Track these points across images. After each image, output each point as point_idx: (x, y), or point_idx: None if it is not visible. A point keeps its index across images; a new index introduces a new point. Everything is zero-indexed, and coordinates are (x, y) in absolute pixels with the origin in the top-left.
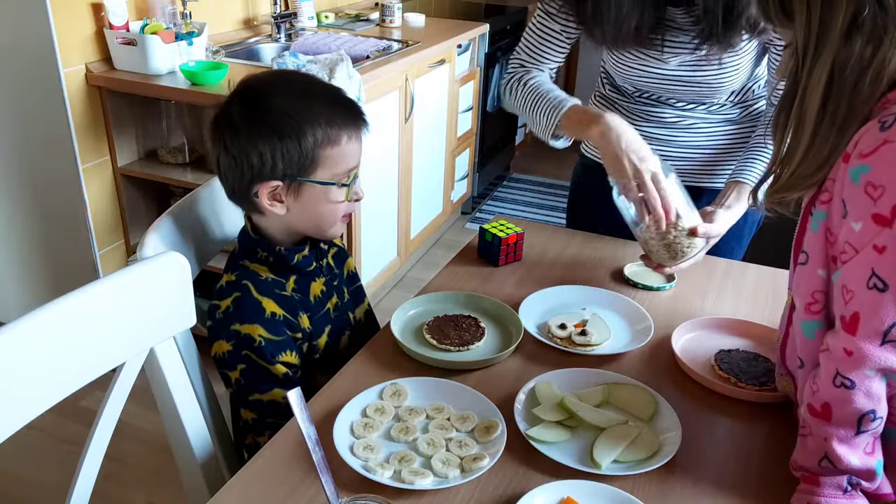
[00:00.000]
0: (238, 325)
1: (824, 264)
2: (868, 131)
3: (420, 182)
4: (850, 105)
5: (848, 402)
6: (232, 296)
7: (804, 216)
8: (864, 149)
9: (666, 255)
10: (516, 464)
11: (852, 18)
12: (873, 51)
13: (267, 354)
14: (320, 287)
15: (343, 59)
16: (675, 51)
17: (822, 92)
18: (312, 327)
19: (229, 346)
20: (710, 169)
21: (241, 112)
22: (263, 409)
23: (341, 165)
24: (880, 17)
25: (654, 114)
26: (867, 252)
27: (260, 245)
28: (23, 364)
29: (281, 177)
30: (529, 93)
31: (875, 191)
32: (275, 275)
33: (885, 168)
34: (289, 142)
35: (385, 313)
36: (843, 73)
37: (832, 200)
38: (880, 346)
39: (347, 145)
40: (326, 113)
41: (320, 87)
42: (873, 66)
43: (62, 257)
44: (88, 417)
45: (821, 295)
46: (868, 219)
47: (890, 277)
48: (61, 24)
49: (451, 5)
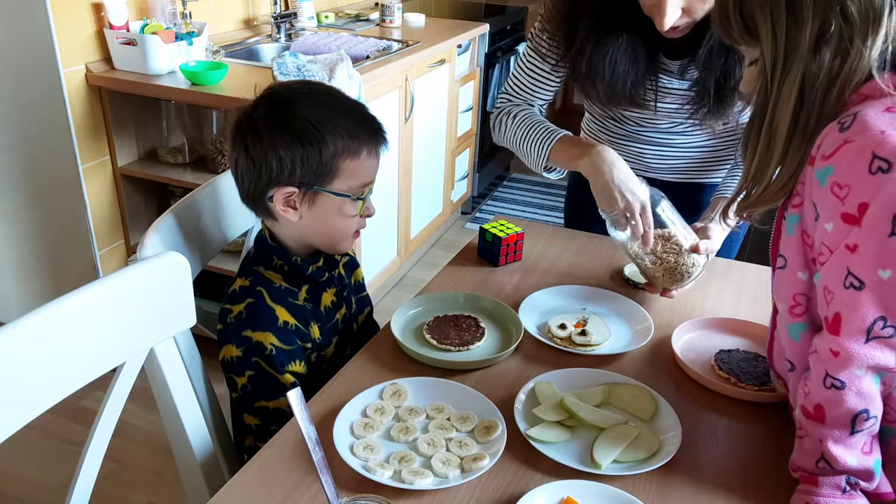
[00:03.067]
0: (250, 331)
1: (804, 267)
2: (829, 133)
3: (420, 182)
4: (819, 116)
5: (840, 402)
6: (245, 301)
7: (778, 220)
8: (827, 150)
9: (671, 280)
10: (516, 464)
11: (819, 33)
12: (841, 62)
13: (277, 363)
14: (331, 297)
15: (343, 59)
16: (669, 112)
17: (792, 106)
18: (322, 338)
19: (239, 351)
20: (708, 165)
21: (265, 116)
22: (268, 416)
23: (358, 178)
24: (846, 30)
25: (648, 119)
26: (840, 252)
27: (276, 253)
28: (23, 364)
29: (297, 183)
30: (519, 125)
31: (841, 190)
32: (288, 283)
33: (847, 168)
34: (310, 149)
35: (385, 313)
36: (812, 86)
37: (803, 203)
38: (865, 343)
39: (366, 160)
40: (349, 125)
41: (346, 100)
42: (841, 76)
43: (62, 257)
44: (88, 417)
45: (802, 297)
46: (838, 219)
47: (865, 275)
48: (61, 24)
49: (451, 5)
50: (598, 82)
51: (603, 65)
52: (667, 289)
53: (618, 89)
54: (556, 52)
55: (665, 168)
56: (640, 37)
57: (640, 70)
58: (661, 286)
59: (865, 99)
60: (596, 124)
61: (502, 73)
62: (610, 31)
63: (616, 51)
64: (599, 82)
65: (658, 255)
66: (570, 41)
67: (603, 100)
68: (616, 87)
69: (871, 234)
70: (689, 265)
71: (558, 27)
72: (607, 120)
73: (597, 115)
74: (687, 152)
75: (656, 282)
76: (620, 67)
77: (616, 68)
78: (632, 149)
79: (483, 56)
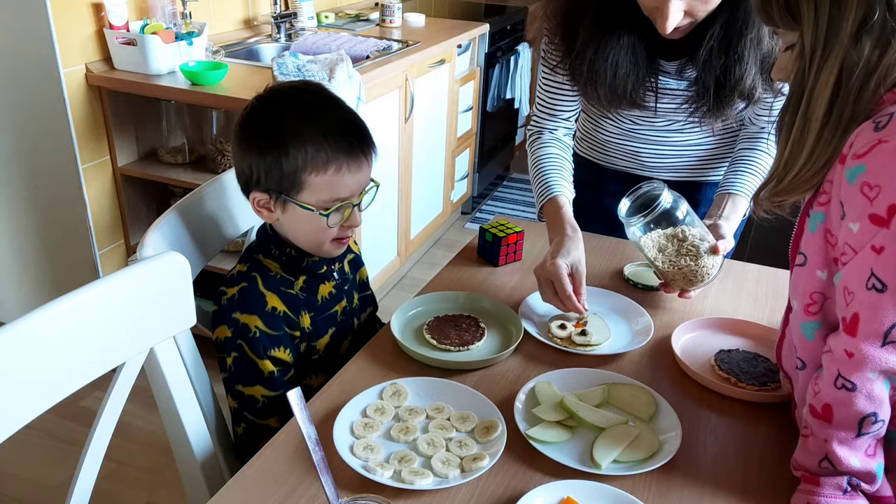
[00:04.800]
0: (239, 313)
1: (823, 265)
2: (863, 131)
3: (420, 182)
4: (855, 108)
5: (849, 404)
6: (239, 285)
7: (801, 218)
8: (860, 149)
9: (689, 282)
10: (516, 464)
11: (861, 21)
12: (880, 54)
13: (259, 347)
14: (329, 289)
15: (343, 59)
16: (667, 112)
17: (828, 95)
18: (313, 328)
19: (229, 332)
20: (704, 163)
21: (246, 121)
22: (243, 401)
23: (326, 194)
24: (890, 21)
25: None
26: (866, 253)
27: (274, 243)
28: (23, 364)
29: (267, 190)
30: (532, 166)
31: (871, 191)
32: (285, 273)
33: (880, 168)
34: (272, 161)
35: (385, 313)
36: (850, 76)
37: (830, 202)
38: (881, 347)
39: (335, 176)
40: (316, 139)
41: (327, 112)
42: (879, 69)
43: (62, 257)
44: (88, 417)
45: (819, 296)
46: (865, 219)
47: (889, 278)
48: (61, 24)
49: (451, 5)
50: (599, 85)
51: (605, 67)
52: (685, 290)
53: (619, 92)
54: (561, 60)
55: (661, 167)
56: (639, 37)
57: (641, 72)
58: (680, 287)
59: None
60: (592, 124)
61: (502, 73)
62: (610, 33)
63: (618, 53)
64: (601, 85)
65: (674, 261)
66: (571, 45)
67: (604, 102)
68: (617, 90)
69: None
70: (708, 267)
71: (557, 31)
72: (603, 119)
73: (593, 115)
74: (683, 151)
75: (674, 284)
76: (622, 70)
77: (618, 71)
78: (628, 148)
79: (483, 56)
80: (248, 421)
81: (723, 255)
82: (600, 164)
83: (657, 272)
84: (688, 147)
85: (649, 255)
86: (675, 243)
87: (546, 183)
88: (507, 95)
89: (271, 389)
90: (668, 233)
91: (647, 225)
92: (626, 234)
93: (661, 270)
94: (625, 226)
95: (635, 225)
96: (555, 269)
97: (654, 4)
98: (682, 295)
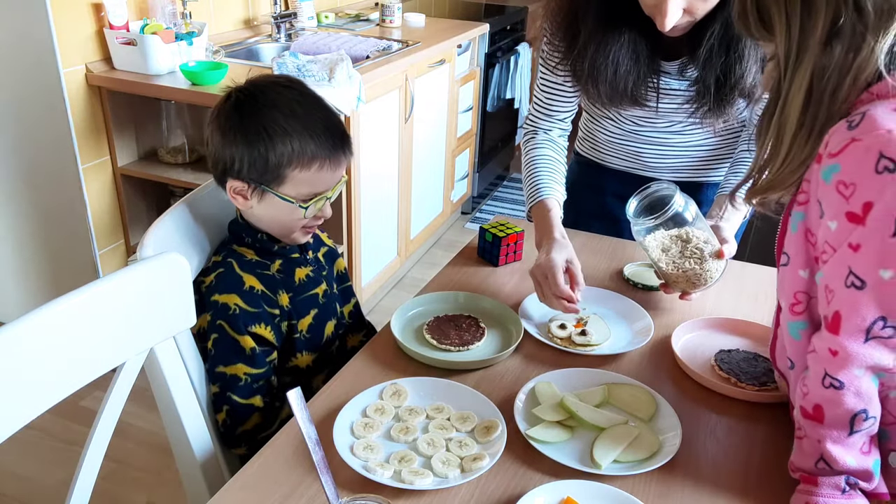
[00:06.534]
0: (217, 294)
1: (805, 265)
2: (837, 131)
3: (420, 182)
4: (829, 110)
5: (838, 402)
6: (216, 272)
7: (784, 218)
8: (834, 148)
9: (692, 285)
10: (516, 464)
11: (831, 25)
12: (853, 57)
13: (240, 323)
14: (307, 272)
15: (343, 59)
16: (668, 111)
17: (802, 98)
18: (292, 307)
19: (209, 316)
20: (706, 164)
21: (229, 111)
22: (225, 382)
23: (307, 188)
24: (858, 25)
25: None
26: (843, 251)
27: (246, 231)
28: (23, 364)
29: (246, 179)
30: (524, 166)
31: (846, 189)
32: (260, 257)
33: (854, 166)
34: (258, 153)
35: (385, 313)
36: (822, 79)
37: (809, 201)
38: (864, 343)
39: (317, 173)
40: (302, 137)
41: (311, 109)
42: (851, 72)
43: (62, 257)
44: (88, 417)
45: (803, 295)
46: (842, 217)
47: (867, 275)
48: (61, 24)
49: (451, 5)
50: (600, 83)
51: (605, 65)
52: (686, 292)
53: (620, 89)
54: (562, 59)
55: (663, 167)
56: (640, 35)
57: (642, 70)
58: (681, 289)
59: (875, 98)
60: (594, 123)
61: (502, 73)
62: (612, 30)
63: (618, 50)
64: (602, 83)
65: (678, 263)
66: (572, 42)
67: (605, 100)
68: (618, 88)
69: (874, 233)
70: (712, 271)
71: (559, 29)
72: (605, 119)
73: (594, 115)
74: (685, 151)
75: (676, 286)
76: (622, 68)
77: (619, 68)
78: (630, 148)
79: (483, 56)
80: (230, 402)
81: (727, 260)
82: (601, 164)
83: (659, 273)
84: (689, 148)
85: (653, 255)
86: (680, 244)
87: (536, 185)
88: (507, 95)
89: (253, 367)
90: (672, 233)
91: (654, 225)
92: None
93: (664, 272)
94: (631, 224)
95: (642, 225)
96: (550, 263)
97: (653, 2)
98: (683, 297)
